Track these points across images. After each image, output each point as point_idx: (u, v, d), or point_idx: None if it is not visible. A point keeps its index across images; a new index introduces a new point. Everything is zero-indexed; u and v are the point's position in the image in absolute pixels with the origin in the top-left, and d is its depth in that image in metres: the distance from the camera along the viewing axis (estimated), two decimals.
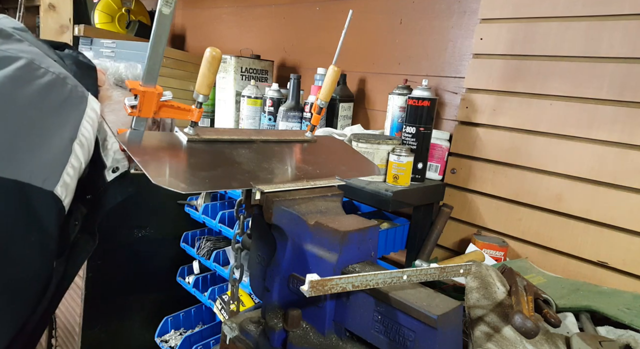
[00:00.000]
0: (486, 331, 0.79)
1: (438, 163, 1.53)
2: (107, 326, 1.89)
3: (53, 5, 2.89)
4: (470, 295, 0.83)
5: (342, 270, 0.72)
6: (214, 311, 1.86)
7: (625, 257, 1.21)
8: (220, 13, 2.62)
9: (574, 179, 1.29)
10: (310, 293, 0.60)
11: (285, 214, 0.76)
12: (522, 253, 1.41)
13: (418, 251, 1.52)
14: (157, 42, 0.72)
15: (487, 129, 1.46)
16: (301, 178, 0.84)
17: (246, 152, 0.85)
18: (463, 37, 1.56)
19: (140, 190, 1.83)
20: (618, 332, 0.91)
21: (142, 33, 2.80)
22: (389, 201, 1.29)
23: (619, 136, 1.20)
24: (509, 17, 1.39)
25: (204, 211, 1.88)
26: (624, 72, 1.19)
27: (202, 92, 0.80)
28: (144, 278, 1.97)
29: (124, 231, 1.85)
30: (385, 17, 1.79)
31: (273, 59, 2.15)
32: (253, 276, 0.86)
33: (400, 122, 1.52)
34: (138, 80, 0.77)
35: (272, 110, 1.80)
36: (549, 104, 1.32)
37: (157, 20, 0.70)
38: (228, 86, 1.98)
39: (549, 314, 0.83)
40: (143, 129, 0.80)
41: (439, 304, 0.63)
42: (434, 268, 0.71)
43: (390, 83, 1.75)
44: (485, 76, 1.44)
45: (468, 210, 1.52)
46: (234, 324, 0.87)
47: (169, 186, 0.67)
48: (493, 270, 0.87)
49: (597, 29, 1.23)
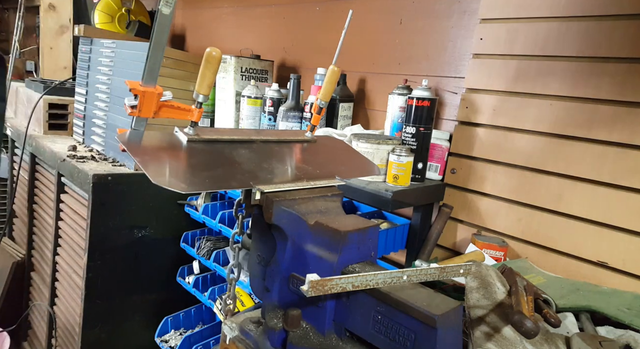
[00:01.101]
0: (486, 331, 0.79)
1: (438, 163, 1.53)
2: (107, 326, 1.89)
3: (53, 5, 2.89)
4: (470, 295, 0.83)
5: (342, 270, 0.72)
6: (214, 311, 1.86)
7: (625, 258, 1.21)
8: (220, 13, 2.63)
9: (574, 179, 1.29)
10: (310, 293, 0.60)
11: (285, 214, 0.76)
12: (522, 253, 1.41)
13: (418, 251, 1.52)
14: (157, 42, 0.72)
15: (487, 129, 1.46)
16: (301, 178, 0.84)
17: (246, 152, 0.85)
18: (463, 37, 1.56)
19: (140, 190, 1.84)
20: (618, 332, 0.91)
21: (142, 33, 2.80)
22: (389, 201, 1.29)
23: (618, 136, 1.21)
24: (509, 17, 1.39)
25: (204, 211, 1.88)
26: (624, 72, 1.19)
27: (202, 92, 0.80)
28: (144, 278, 1.97)
29: (124, 231, 1.85)
30: (385, 17, 1.79)
31: (273, 59, 2.15)
32: (253, 276, 0.86)
33: (400, 122, 1.52)
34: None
35: (272, 110, 1.80)
36: (549, 104, 1.32)
37: (157, 20, 0.70)
38: (228, 86, 1.98)
39: (549, 314, 0.83)
40: (143, 129, 0.80)
41: (439, 304, 0.63)
42: (434, 268, 0.71)
43: (390, 83, 1.75)
44: (485, 76, 1.44)
45: (468, 210, 1.52)
46: (234, 324, 0.87)
47: (169, 186, 0.67)
48: (493, 270, 0.87)
49: (597, 29, 1.23)
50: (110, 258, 1.83)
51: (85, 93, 2.15)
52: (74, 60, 2.95)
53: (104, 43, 2.09)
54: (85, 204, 1.76)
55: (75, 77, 2.25)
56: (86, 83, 2.16)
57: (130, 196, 1.81)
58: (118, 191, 1.76)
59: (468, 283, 0.85)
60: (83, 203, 1.78)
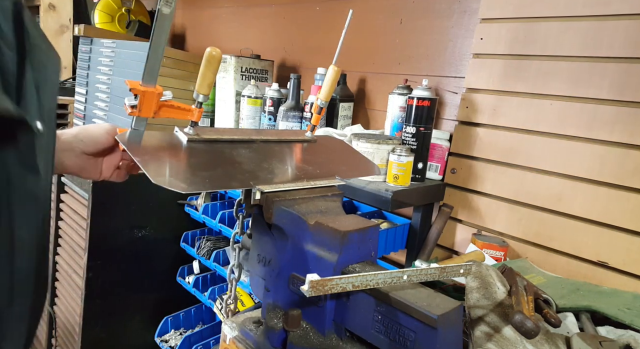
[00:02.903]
0: (486, 331, 0.79)
1: (438, 163, 1.53)
2: (107, 326, 1.89)
3: (53, 5, 2.89)
4: (470, 295, 0.83)
5: (342, 270, 0.72)
6: (214, 311, 1.86)
7: (625, 258, 1.21)
8: (220, 13, 2.62)
9: (574, 179, 1.29)
10: (310, 293, 0.60)
11: (285, 214, 0.76)
12: (522, 253, 1.41)
13: (418, 251, 1.52)
14: (157, 42, 0.72)
15: (487, 129, 1.46)
16: (301, 178, 0.84)
17: (246, 152, 0.85)
18: (463, 37, 1.55)
19: (140, 190, 1.84)
20: (618, 332, 0.91)
21: (142, 33, 2.80)
22: (389, 201, 1.29)
23: (619, 136, 1.20)
24: (509, 17, 1.39)
25: (204, 211, 1.88)
26: (624, 72, 1.19)
27: (202, 92, 0.80)
28: (144, 278, 1.97)
29: (124, 231, 1.85)
30: (385, 17, 1.79)
31: (273, 59, 2.15)
32: (253, 275, 0.86)
33: (400, 122, 1.52)
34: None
35: (272, 110, 1.80)
36: (549, 104, 1.32)
37: (157, 20, 0.70)
38: (228, 86, 1.98)
39: (549, 314, 0.83)
40: (143, 129, 0.80)
41: (439, 304, 0.63)
42: (434, 268, 0.71)
43: (390, 83, 1.75)
44: (486, 76, 1.44)
45: (468, 210, 1.52)
46: (234, 324, 0.87)
47: (169, 186, 0.67)
48: (493, 270, 0.87)
49: (597, 29, 1.23)
50: (110, 258, 1.83)
51: (85, 93, 2.16)
52: (74, 60, 2.95)
53: (104, 43, 2.09)
54: (85, 204, 1.76)
55: (75, 77, 2.25)
56: (86, 83, 2.16)
57: (130, 196, 1.81)
58: (118, 191, 1.76)
59: (468, 283, 0.85)
60: (83, 203, 1.78)
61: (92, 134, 0.84)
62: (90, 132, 0.84)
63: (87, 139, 0.83)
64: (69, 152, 0.83)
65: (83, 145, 0.84)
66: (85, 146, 0.84)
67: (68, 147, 0.83)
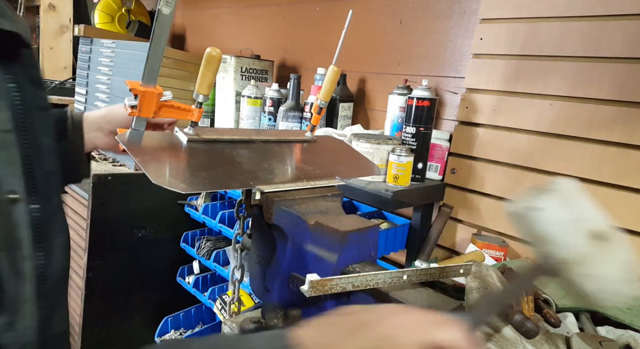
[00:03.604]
0: (486, 331, 0.79)
1: (438, 163, 1.53)
2: (107, 326, 1.89)
3: (53, 5, 2.89)
4: (470, 295, 0.83)
5: (342, 270, 0.72)
6: (214, 311, 1.86)
7: None
8: (220, 13, 2.62)
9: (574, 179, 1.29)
10: (310, 293, 0.60)
11: (285, 214, 0.76)
12: (522, 253, 1.40)
13: (418, 251, 1.52)
14: (157, 42, 0.72)
15: (487, 129, 1.45)
16: (301, 178, 0.84)
17: (246, 152, 0.85)
18: (463, 37, 1.55)
19: (140, 190, 1.84)
20: (618, 332, 0.91)
21: (142, 33, 2.80)
22: (389, 201, 1.29)
23: (619, 136, 1.20)
24: (509, 17, 1.39)
25: (204, 211, 1.88)
26: (624, 72, 1.19)
27: (202, 92, 0.80)
28: (144, 278, 1.97)
29: (124, 231, 1.85)
30: (385, 17, 1.79)
31: (273, 59, 2.15)
32: (253, 276, 0.86)
33: (400, 122, 1.52)
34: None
35: (272, 110, 1.80)
36: (549, 104, 1.32)
37: (157, 20, 0.70)
38: (228, 86, 1.98)
39: (549, 314, 0.83)
40: (143, 129, 0.80)
41: (439, 304, 0.63)
42: (434, 268, 0.71)
43: (390, 83, 1.75)
44: (485, 76, 1.44)
45: (468, 210, 1.52)
46: (234, 324, 0.87)
47: (169, 186, 0.67)
48: (493, 270, 0.87)
49: (597, 29, 1.23)
50: (110, 258, 1.83)
51: (85, 93, 2.16)
52: (74, 60, 2.95)
53: (104, 43, 2.09)
54: (85, 204, 1.76)
55: (75, 77, 2.25)
56: (86, 83, 2.16)
57: (130, 196, 1.81)
58: (118, 191, 1.76)
59: (468, 283, 0.85)
60: (83, 203, 1.78)
61: (118, 115, 0.91)
62: (116, 113, 0.91)
63: (114, 119, 0.91)
64: (99, 132, 0.92)
65: (111, 125, 0.91)
66: (113, 126, 0.91)
67: (97, 128, 0.91)
